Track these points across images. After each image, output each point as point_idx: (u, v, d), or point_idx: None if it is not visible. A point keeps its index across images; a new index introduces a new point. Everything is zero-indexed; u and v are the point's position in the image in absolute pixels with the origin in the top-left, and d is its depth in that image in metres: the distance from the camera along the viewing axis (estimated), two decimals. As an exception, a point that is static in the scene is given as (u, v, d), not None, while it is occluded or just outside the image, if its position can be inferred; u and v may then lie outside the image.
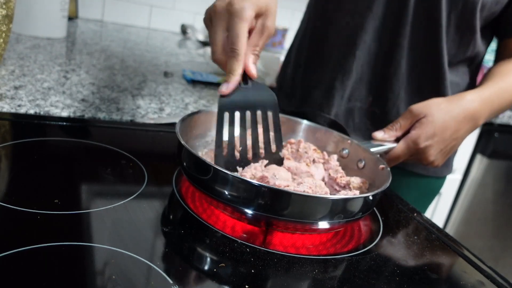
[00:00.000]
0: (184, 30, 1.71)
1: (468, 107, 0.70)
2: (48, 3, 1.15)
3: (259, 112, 0.57)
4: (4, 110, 0.69)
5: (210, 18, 0.55)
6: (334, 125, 0.80)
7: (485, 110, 0.72)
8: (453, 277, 0.55)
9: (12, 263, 0.38)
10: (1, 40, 0.81)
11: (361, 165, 0.65)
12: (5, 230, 0.43)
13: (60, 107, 0.74)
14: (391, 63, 0.79)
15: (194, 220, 0.52)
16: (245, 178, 0.49)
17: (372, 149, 0.66)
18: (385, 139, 0.69)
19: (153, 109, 0.85)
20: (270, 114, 0.59)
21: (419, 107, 0.68)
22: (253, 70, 0.55)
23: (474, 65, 0.83)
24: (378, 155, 0.64)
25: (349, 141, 0.67)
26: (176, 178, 0.60)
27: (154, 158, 0.67)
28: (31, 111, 0.70)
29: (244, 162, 0.58)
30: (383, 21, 0.78)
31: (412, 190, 0.87)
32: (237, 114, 0.56)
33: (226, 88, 0.54)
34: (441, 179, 0.92)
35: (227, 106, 0.55)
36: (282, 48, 1.94)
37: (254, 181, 0.48)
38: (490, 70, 0.80)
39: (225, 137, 0.56)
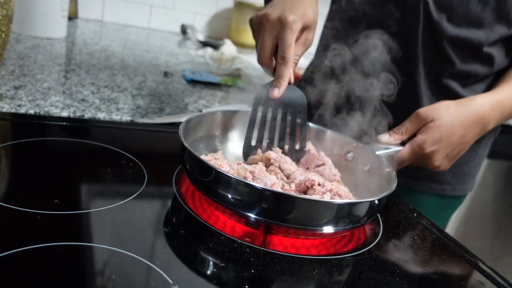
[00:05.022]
0: (184, 30, 1.71)
1: (478, 111, 0.69)
2: (48, 3, 1.15)
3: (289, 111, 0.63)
4: (4, 110, 0.69)
5: (260, 23, 0.60)
6: None
7: (495, 115, 0.71)
8: (453, 277, 0.55)
9: (12, 263, 0.38)
10: (1, 40, 0.81)
11: (366, 168, 0.64)
12: (5, 230, 0.43)
13: (60, 107, 0.74)
14: (409, 93, 0.78)
15: (194, 220, 0.52)
16: (248, 182, 0.49)
17: (378, 152, 0.65)
18: (390, 143, 0.68)
19: (153, 109, 0.85)
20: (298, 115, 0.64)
21: (426, 111, 0.67)
22: (292, 76, 0.61)
23: (492, 78, 0.81)
24: (384, 159, 0.64)
25: (354, 144, 0.67)
26: (176, 178, 0.60)
27: (154, 158, 0.67)
28: (31, 111, 0.70)
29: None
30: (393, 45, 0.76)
31: (431, 207, 0.86)
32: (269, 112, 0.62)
33: (277, 93, 0.60)
34: (461, 197, 0.90)
35: (262, 101, 0.62)
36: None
37: (257, 185, 0.48)
38: (504, 74, 0.78)
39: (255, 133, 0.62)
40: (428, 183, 0.84)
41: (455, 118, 0.67)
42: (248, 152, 0.63)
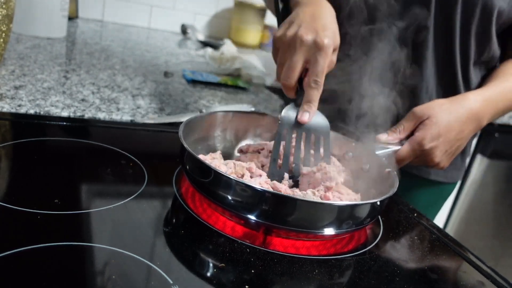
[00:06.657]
0: (184, 30, 1.71)
1: (472, 107, 0.70)
2: (48, 3, 1.15)
3: (312, 136, 0.61)
4: (4, 110, 0.69)
5: (290, 44, 0.58)
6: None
7: (488, 110, 0.71)
8: (453, 277, 0.55)
9: (12, 263, 0.38)
10: (1, 40, 0.81)
11: (366, 168, 0.64)
12: (5, 230, 0.43)
13: (60, 107, 0.74)
14: (419, 77, 0.77)
15: (194, 220, 0.52)
16: (248, 183, 0.48)
17: (377, 152, 0.65)
18: (389, 142, 0.68)
19: (153, 109, 0.85)
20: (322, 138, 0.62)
21: (422, 109, 0.68)
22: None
23: (489, 67, 0.82)
24: (384, 158, 0.64)
25: (353, 144, 0.67)
26: (176, 178, 0.60)
27: (154, 158, 0.67)
28: (31, 111, 0.70)
29: (296, 176, 0.60)
30: (403, 33, 0.75)
31: (422, 196, 0.86)
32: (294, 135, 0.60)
33: (307, 118, 0.60)
34: (452, 185, 0.91)
35: (287, 124, 0.60)
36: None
37: (257, 186, 0.48)
38: (495, 70, 0.79)
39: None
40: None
41: (451, 115, 0.68)
42: (275, 174, 0.60)
